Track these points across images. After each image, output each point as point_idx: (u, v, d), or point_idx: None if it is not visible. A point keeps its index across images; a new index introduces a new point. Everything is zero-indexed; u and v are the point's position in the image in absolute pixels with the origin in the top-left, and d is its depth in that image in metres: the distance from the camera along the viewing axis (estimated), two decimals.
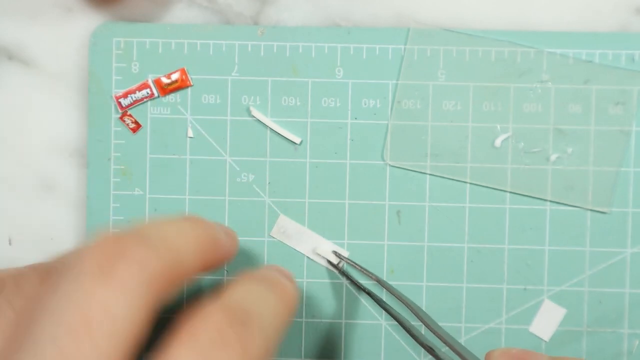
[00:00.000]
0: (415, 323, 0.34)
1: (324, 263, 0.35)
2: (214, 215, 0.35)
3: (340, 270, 0.35)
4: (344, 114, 0.35)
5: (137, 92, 0.35)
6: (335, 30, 0.35)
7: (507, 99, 0.35)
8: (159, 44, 0.35)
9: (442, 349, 0.32)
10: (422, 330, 0.34)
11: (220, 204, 0.35)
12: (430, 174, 0.35)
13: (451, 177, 0.35)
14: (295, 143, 0.35)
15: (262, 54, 0.35)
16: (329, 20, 0.36)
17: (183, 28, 0.35)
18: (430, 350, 0.31)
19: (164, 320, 0.22)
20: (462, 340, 0.34)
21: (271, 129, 0.35)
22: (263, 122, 0.35)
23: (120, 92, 0.35)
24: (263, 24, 0.36)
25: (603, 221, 0.34)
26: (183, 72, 0.35)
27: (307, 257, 0.35)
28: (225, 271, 0.35)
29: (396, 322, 0.33)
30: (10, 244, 0.36)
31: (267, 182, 0.35)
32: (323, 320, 0.35)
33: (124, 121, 0.35)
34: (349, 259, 0.34)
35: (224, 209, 0.35)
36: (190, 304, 0.35)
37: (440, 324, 0.34)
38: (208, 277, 0.35)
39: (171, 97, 0.35)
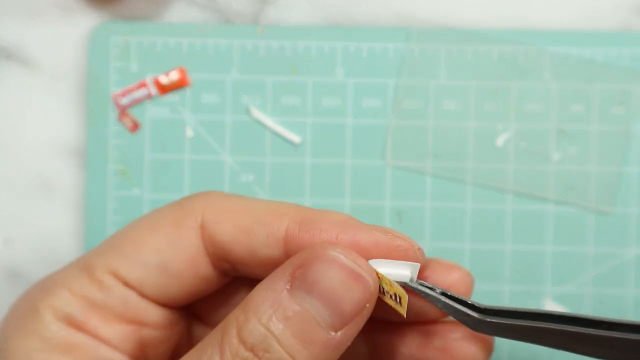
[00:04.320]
0: None
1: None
2: None
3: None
4: (344, 114, 0.35)
5: (135, 91, 0.35)
6: (336, 29, 0.35)
7: (508, 99, 0.34)
8: (158, 43, 0.35)
9: None
10: None
11: None
12: (431, 174, 0.34)
13: (452, 177, 0.34)
14: (295, 143, 0.35)
15: (262, 53, 0.35)
16: (329, 19, 0.36)
17: (182, 27, 0.35)
18: None
19: None
20: None
21: (271, 129, 0.35)
22: (263, 122, 0.35)
23: (119, 91, 0.35)
24: (263, 23, 0.35)
25: (605, 221, 0.34)
26: (182, 71, 0.35)
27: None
28: None
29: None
30: (5, 244, 0.36)
31: (267, 182, 0.35)
32: None
33: (123, 121, 0.35)
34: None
35: None
36: None
37: None
38: None
39: (170, 97, 0.35)
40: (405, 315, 0.23)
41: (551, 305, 0.34)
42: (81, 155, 0.36)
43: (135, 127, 0.35)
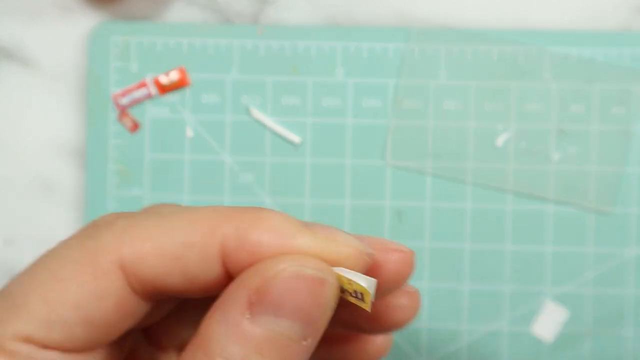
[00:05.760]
0: None
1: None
2: None
3: None
4: (344, 114, 0.35)
5: (135, 91, 0.35)
6: (336, 29, 0.35)
7: (508, 99, 0.34)
8: (158, 43, 0.35)
9: None
10: None
11: (219, 205, 0.35)
12: (431, 174, 0.34)
13: (452, 177, 0.34)
14: (295, 143, 0.35)
15: (262, 53, 0.35)
16: (329, 19, 0.36)
17: (182, 27, 0.35)
18: None
19: None
20: (463, 342, 0.34)
21: (271, 129, 0.35)
22: (263, 122, 0.35)
23: (119, 91, 0.35)
24: (263, 23, 0.35)
25: (605, 221, 0.34)
26: (182, 71, 0.35)
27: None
28: None
29: None
30: (5, 244, 0.36)
31: (267, 182, 0.35)
32: None
33: (123, 121, 0.35)
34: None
35: None
36: None
37: (441, 325, 0.34)
38: None
39: (170, 97, 0.35)
40: (369, 310, 0.21)
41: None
42: (81, 155, 0.36)
43: (135, 127, 0.35)
